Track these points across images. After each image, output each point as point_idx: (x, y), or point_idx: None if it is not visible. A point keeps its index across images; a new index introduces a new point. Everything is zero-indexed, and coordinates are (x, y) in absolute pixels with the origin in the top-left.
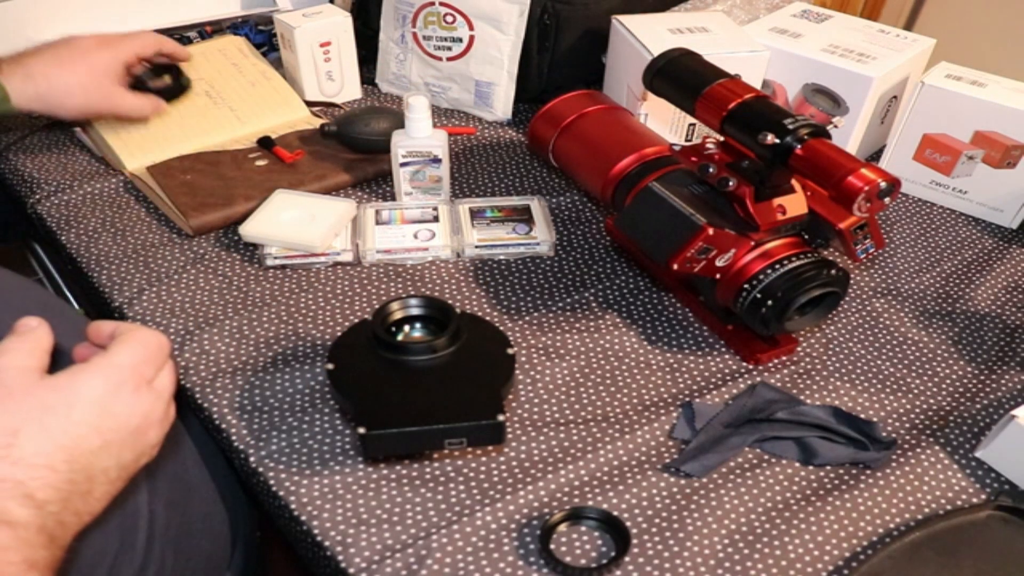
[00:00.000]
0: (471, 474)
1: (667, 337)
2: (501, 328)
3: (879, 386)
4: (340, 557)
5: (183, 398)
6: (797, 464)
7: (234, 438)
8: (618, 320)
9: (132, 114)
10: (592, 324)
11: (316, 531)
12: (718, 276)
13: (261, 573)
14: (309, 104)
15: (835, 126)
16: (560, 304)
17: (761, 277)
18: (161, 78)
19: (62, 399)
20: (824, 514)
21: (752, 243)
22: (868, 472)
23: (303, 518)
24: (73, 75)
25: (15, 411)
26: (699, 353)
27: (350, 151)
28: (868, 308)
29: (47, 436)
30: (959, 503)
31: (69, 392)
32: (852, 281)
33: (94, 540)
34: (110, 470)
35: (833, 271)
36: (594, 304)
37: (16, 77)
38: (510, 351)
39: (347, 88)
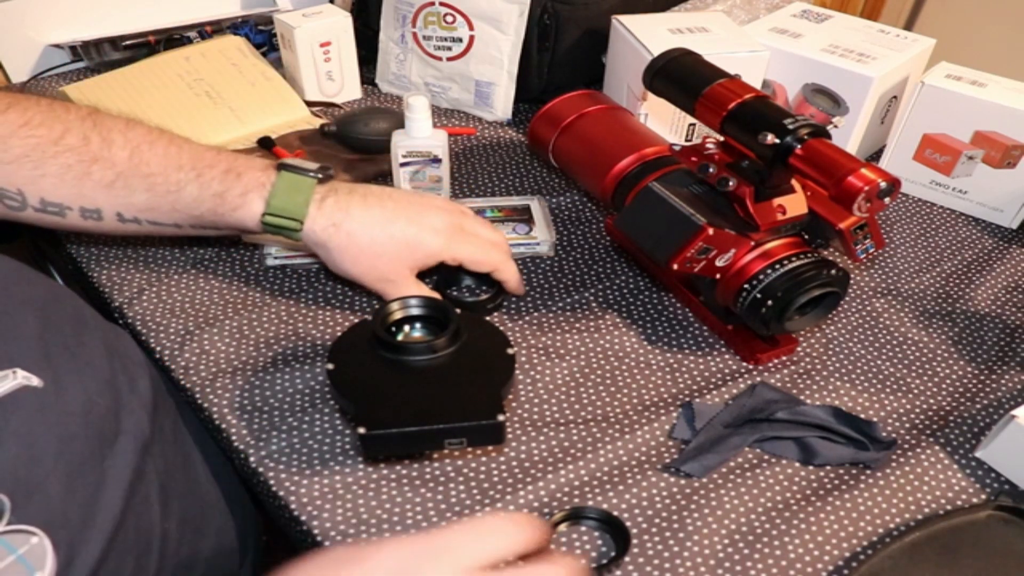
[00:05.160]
0: (471, 474)
1: (667, 337)
2: (501, 328)
3: (879, 386)
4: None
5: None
6: (797, 464)
7: (234, 438)
8: (618, 320)
9: None
10: (592, 324)
11: (316, 531)
12: (718, 276)
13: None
14: (309, 104)
15: (835, 126)
16: (560, 304)
17: (761, 277)
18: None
19: None
20: (824, 514)
21: (752, 243)
22: (868, 472)
23: (303, 518)
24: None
25: None
26: (699, 353)
27: (350, 151)
28: (868, 308)
29: None
30: (959, 503)
31: None
32: (852, 281)
33: (109, 563)
34: None
35: (833, 271)
36: (594, 304)
37: (323, 217)
38: (510, 351)
39: (347, 88)
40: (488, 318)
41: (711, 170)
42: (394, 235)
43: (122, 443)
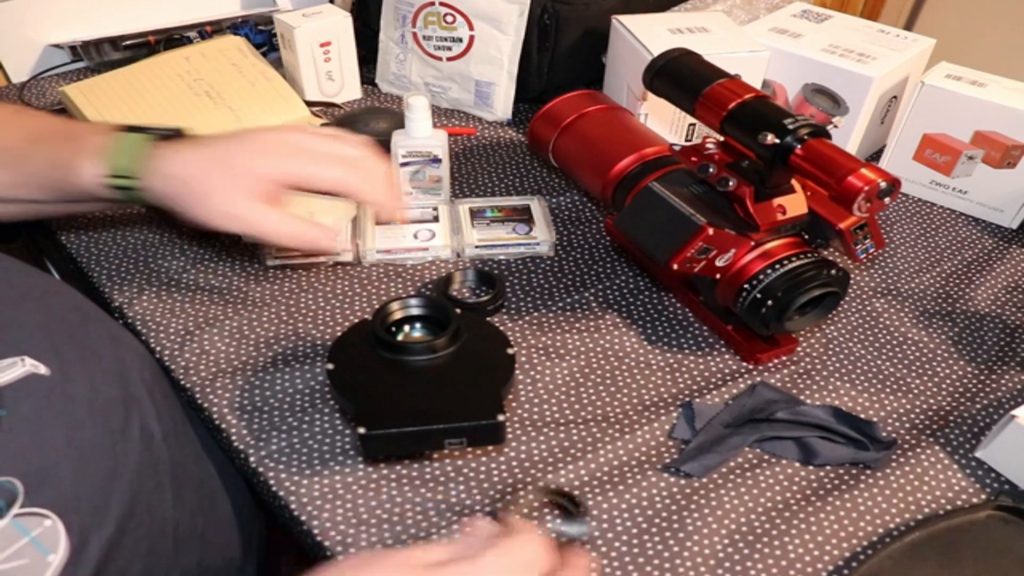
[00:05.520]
0: (471, 474)
1: (667, 337)
2: (501, 328)
3: (879, 386)
4: (340, 557)
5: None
6: (797, 464)
7: (234, 438)
8: (618, 320)
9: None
10: (592, 324)
11: (316, 531)
12: (718, 276)
13: (272, 572)
14: (309, 104)
15: (835, 126)
16: (560, 304)
17: (761, 277)
18: None
19: None
20: (824, 514)
21: (752, 243)
22: (868, 472)
23: (303, 518)
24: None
25: None
26: (699, 353)
27: None
28: (868, 308)
29: None
30: (959, 503)
31: None
32: (852, 281)
33: (123, 547)
34: None
35: (833, 271)
36: (594, 304)
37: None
38: (510, 351)
39: (347, 88)
40: (488, 318)
41: (711, 170)
42: (217, 163)
43: (131, 431)
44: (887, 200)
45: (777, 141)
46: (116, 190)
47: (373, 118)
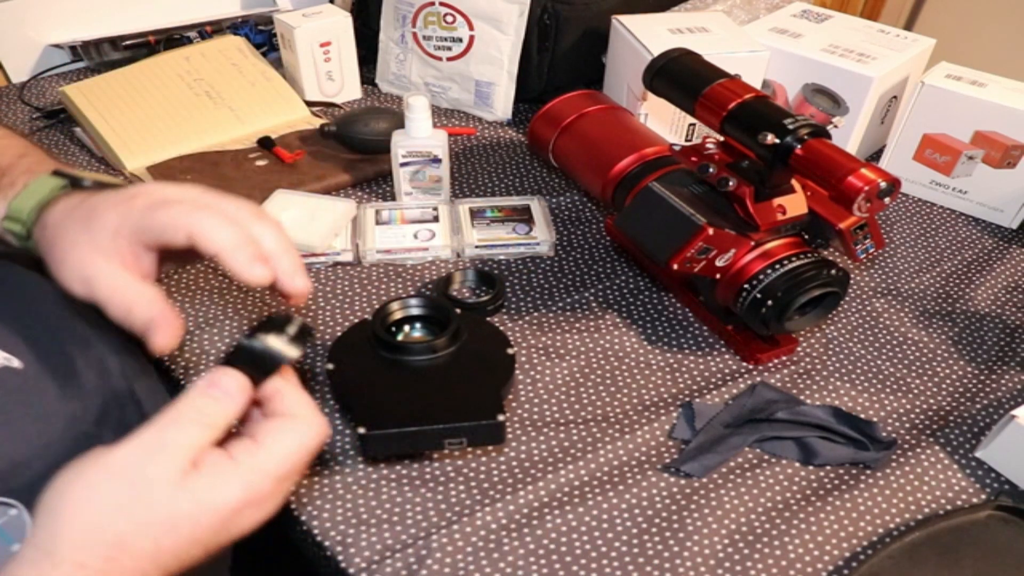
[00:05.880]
0: (471, 474)
1: (667, 337)
2: (501, 328)
3: (879, 386)
4: (340, 557)
5: None
6: (797, 464)
7: None
8: (618, 320)
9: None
10: (592, 324)
11: (316, 531)
12: (718, 276)
13: (260, 573)
14: (309, 104)
15: (835, 126)
16: (560, 304)
17: (761, 277)
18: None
19: (191, 514)
20: (824, 514)
21: (752, 243)
22: (868, 472)
23: (303, 518)
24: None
25: (139, 523)
26: (699, 353)
27: (350, 151)
28: (868, 308)
29: (155, 556)
30: (959, 503)
31: (202, 506)
32: (852, 281)
33: None
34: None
35: (833, 271)
36: (594, 304)
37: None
38: (510, 351)
39: (347, 88)
40: (488, 318)
41: (711, 170)
42: (77, 218)
43: (107, 424)
44: (887, 200)
45: (777, 141)
46: (12, 235)
47: (373, 118)
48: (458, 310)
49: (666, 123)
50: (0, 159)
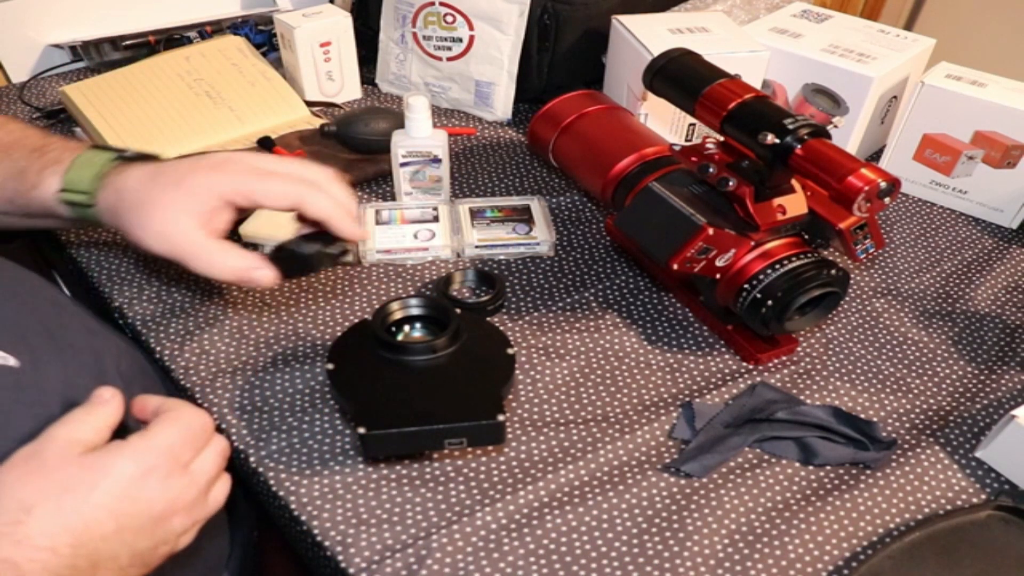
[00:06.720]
0: (471, 474)
1: (667, 337)
2: (501, 328)
3: (879, 386)
4: (340, 557)
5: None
6: (797, 464)
7: (234, 438)
8: (618, 320)
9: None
10: (592, 324)
11: (316, 531)
12: (718, 276)
13: (258, 573)
14: (309, 104)
15: (835, 126)
16: (560, 304)
17: (761, 277)
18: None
19: (87, 479)
20: (824, 514)
21: (752, 243)
22: (868, 472)
23: (303, 518)
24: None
25: (38, 487)
26: (699, 353)
27: (350, 151)
28: (868, 308)
29: (59, 517)
30: (959, 503)
31: (97, 472)
32: (852, 281)
33: None
34: (120, 557)
35: (833, 271)
36: (594, 304)
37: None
38: (510, 351)
39: (347, 88)
40: (488, 318)
41: (711, 170)
42: (158, 180)
43: None
44: (887, 200)
45: (777, 141)
46: (69, 206)
47: (373, 118)
48: (458, 310)
49: (666, 123)
50: (30, 140)
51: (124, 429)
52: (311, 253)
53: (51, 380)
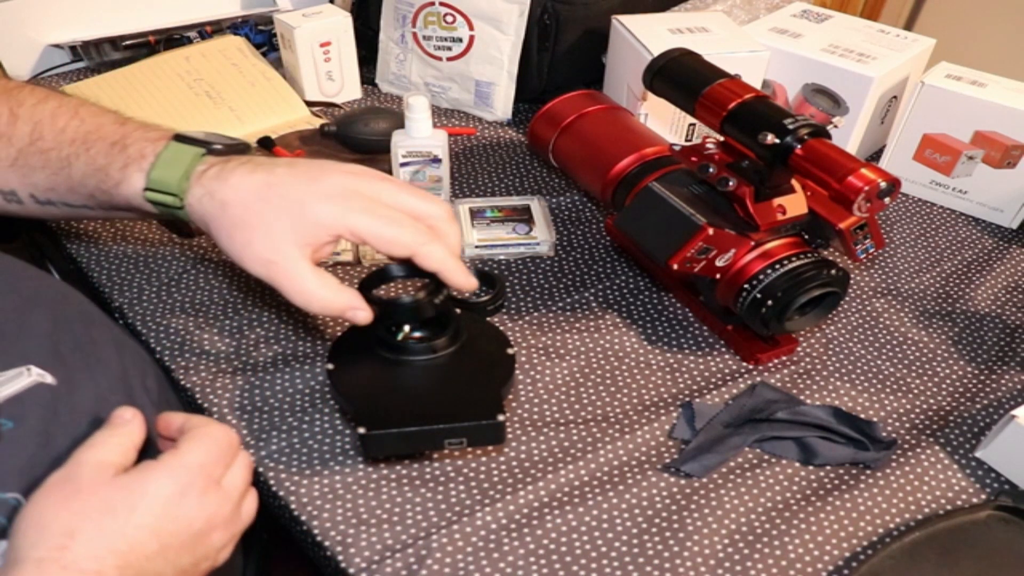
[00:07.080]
0: (471, 474)
1: (667, 337)
2: (501, 328)
3: (879, 386)
4: (340, 557)
5: (186, 398)
6: (797, 464)
7: None
8: (618, 320)
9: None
10: (592, 324)
11: (316, 531)
12: (718, 276)
13: (267, 573)
14: (309, 104)
15: (835, 126)
16: (560, 304)
17: (761, 277)
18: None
19: (126, 500)
20: (824, 514)
21: (752, 243)
22: (868, 472)
23: (303, 518)
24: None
25: (77, 511)
26: (699, 353)
27: (350, 151)
28: (868, 308)
29: (103, 539)
30: (959, 503)
31: (135, 493)
32: (852, 281)
33: None
34: (164, 575)
35: (833, 271)
36: (594, 304)
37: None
38: (510, 351)
39: (347, 88)
40: (488, 318)
41: (711, 170)
42: (271, 201)
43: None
44: (887, 200)
45: (777, 141)
46: (155, 205)
47: (373, 118)
48: (458, 310)
49: (666, 123)
50: (107, 130)
51: (149, 446)
52: (414, 304)
53: (84, 398)
